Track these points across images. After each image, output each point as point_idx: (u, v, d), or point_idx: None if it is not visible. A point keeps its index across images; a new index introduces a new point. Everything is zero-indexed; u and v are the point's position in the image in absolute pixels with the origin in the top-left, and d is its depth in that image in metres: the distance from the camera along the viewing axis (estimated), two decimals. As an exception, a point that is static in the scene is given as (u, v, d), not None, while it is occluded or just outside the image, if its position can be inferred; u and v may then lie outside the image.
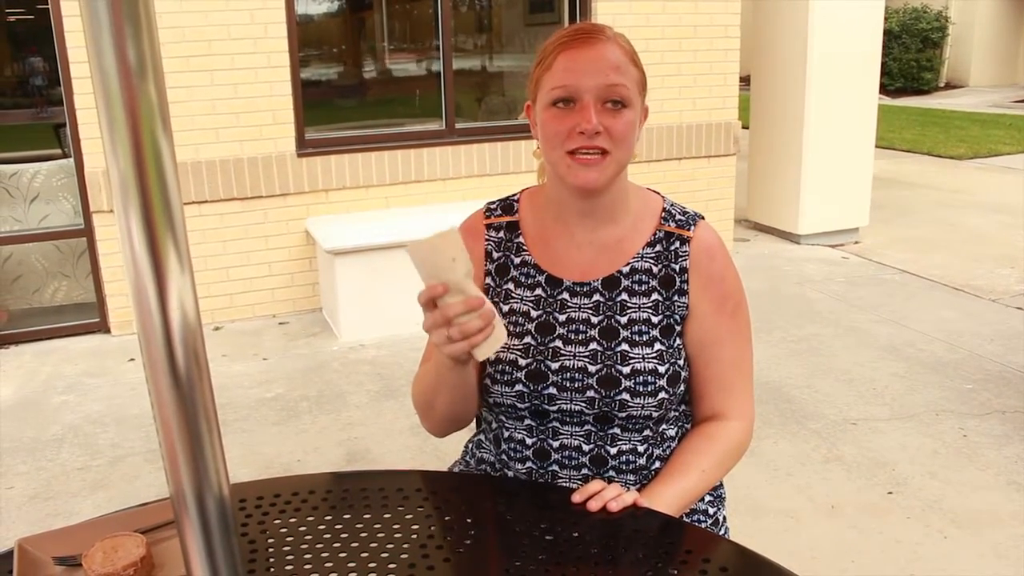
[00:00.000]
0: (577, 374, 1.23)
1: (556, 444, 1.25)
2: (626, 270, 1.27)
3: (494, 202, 1.37)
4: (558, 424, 1.25)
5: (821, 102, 5.33)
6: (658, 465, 1.29)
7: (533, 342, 1.25)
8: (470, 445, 1.44)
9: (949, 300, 4.49)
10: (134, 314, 0.67)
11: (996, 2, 15.87)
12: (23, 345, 4.12)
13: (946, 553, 2.37)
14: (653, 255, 1.27)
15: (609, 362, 1.22)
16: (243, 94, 4.18)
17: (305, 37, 4.76)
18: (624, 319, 1.24)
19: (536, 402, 1.24)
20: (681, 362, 1.26)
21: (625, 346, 1.23)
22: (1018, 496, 2.63)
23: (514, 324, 1.27)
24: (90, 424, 3.28)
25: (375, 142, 4.59)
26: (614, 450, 1.24)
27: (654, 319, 1.25)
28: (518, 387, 1.24)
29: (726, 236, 5.36)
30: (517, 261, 1.31)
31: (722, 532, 1.38)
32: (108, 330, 4.25)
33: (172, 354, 0.67)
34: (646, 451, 1.26)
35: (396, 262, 4.06)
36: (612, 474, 1.25)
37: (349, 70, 5.60)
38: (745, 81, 5.74)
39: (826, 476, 2.78)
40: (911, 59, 15.08)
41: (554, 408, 1.24)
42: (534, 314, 1.27)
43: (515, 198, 1.37)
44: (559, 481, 1.26)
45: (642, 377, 1.21)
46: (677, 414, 1.31)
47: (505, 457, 1.30)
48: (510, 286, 1.30)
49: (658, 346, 1.23)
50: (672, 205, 1.31)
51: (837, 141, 5.43)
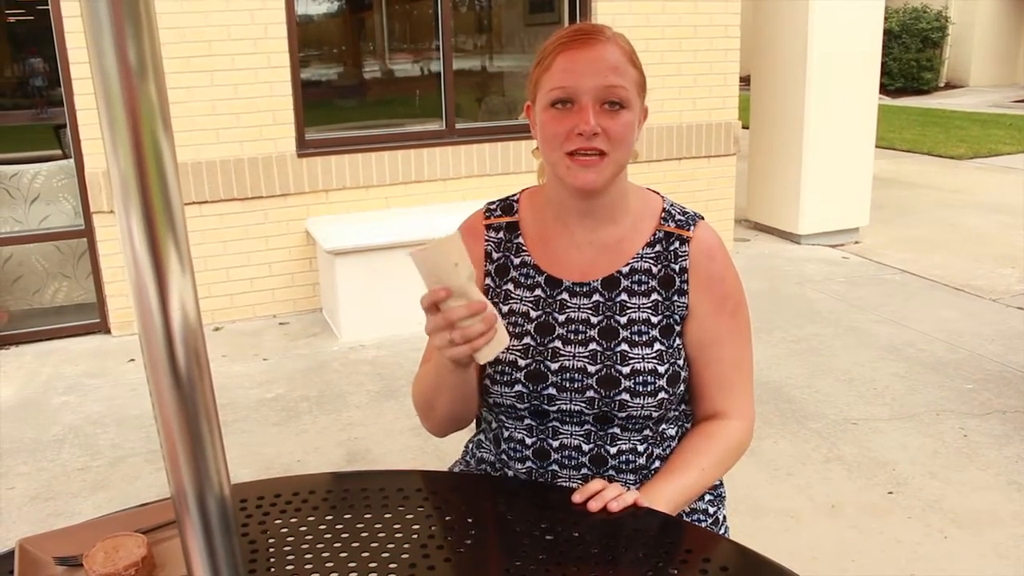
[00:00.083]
0: (577, 374, 1.23)
1: (556, 444, 1.25)
2: (626, 270, 1.27)
3: (494, 202, 1.37)
4: (558, 424, 1.25)
5: (821, 102, 5.33)
6: (658, 465, 1.29)
7: (533, 342, 1.26)
8: (470, 445, 1.44)
9: (949, 300, 4.49)
10: (135, 314, 0.67)
11: (996, 2, 15.87)
12: (24, 346, 4.12)
13: (946, 553, 2.37)
14: (653, 255, 1.27)
15: (609, 362, 1.22)
16: (243, 94, 4.18)
17: (305, 37, 4.76)
18: (624, 319, 1.24)
19: (536, 402, 1.24)
20: (681, 362, 1.26)
21: (625, 346, 1.23)
22: (1018, 496, 2.63)
23: (513, 324, 1.27)
24: (90, 425, 3.28)
25: (375, 142, 4.59)
26: (614, 450, 1.24)
27: (654, 319, 1.25)
28: (518, 387, 1.24)
29: (726, 236, 5.36)
30: (517, 261, 1.31)
31: (722, 531, 1.38)
32: (108, 331, 4.26)
33: (173, 354, 0.67)
34: (646, 451, 1.26)
35: (396, 262, 4.06)
36: (612, 474, 1.25)
37: (349, 70, 5.60)
38: (745, 81, 5.74)
39: (826, 476, 2.78)
40: (911, 59, 15.08)
41: (554, 408, 1.24)
42: (534, 314, 1.27)
43: (515, 198, 1.37)
44: (559, 481, 1.27)
45: (642, 377, 1.21)
46: (677, 414, 1.31)
47: (505, 457, 1.30)
48: (509, 286, 1.30)
49: (658, 346, 1.23)
50: (672, 205, 1.32)
51: (837, 141, 5.43)
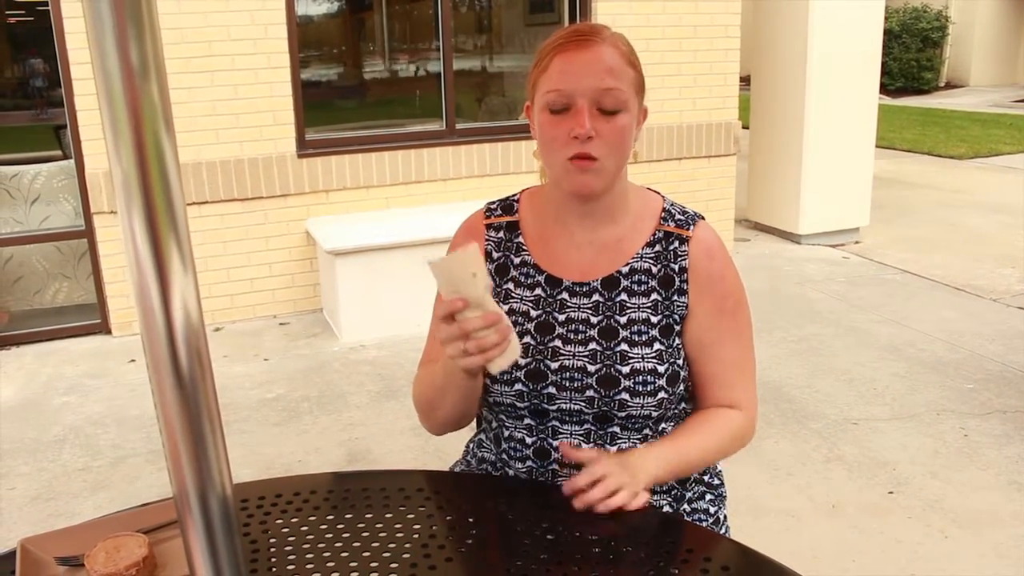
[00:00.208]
0: (576, 374, 1.23)
1: (556, 443, 1.25)
2: (625, 270, 1.27)
3: (494, 202, 1.37)
4: (558, 423, 1.25)
5: (821, 102, 5.33)
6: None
7: (532, 342, 1.26)
8: (471, 445, 1.44)
9: (950, 300, 4.49)
10: (137, 314, 0.67)
11: (996, 2, 15.87)
12: (24, 346, 4.12)
13: (947, 553, 2.37)
14: (652, 255, 1.27)
15: (608, 362, 1.22)
16: (243, 95, 4.19)
17: (305, 38, 4.76)
18: (623, 319, 1.25)
19: (535, 401, 1.25)
20: (680, 362, 1.26)
21: (624, 346, 1.23)
22: (1019, 496, 2.64)
23: (514, 324, 1.27)
24: (91, 425, 3.28)
25: (375, 143, 4.59)
26: (614, 449, 1.25)
27: (653, 319, 1.25)
28: (517, 386, 1.24)
29: (726, 236, 5.36)
30: (517, 261, 1.31)
31: (723, 531, 1.38)
32: (109, 331, 4.26)
33: (175, 354, 0.67)
34: (646, 450, 1.26)
35: (397, 262, 4.07)
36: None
37: (349, 71, 5.60)
38: (745, 81, 5.74)
39: (827, 476, 2.78)
40: (911, 59, 15.08)
41: (553, 407, 1.24)
42: (533, 314, 1.28)
43: (515, 198, 1.37)
44: (559, 480, 1.27)
45: (641, 377, 1.22)
46: (676, 413, 1.31)
47: (505, 456, 1.30)
48: (510, 286, 1.31)
49: (657, 346, 1.24)
50: (672, 205, 1.32)
51: (837, 141, 5.43)
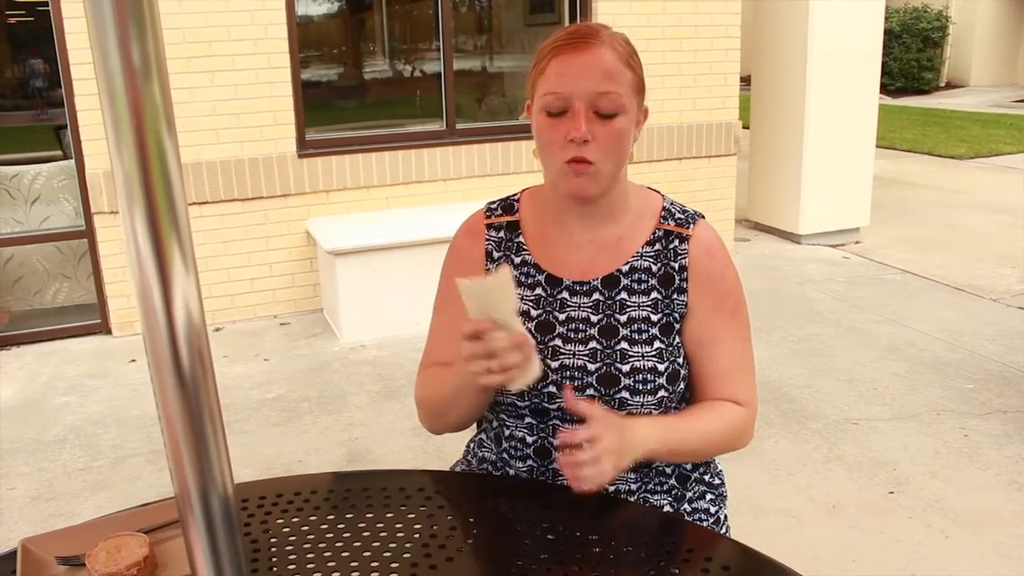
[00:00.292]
0: (577, 372, 1.23)
1: (557, 442, 1.26)
2: (625, 269, 1.27)
3: (495, 202, 1.38)
4: (558, 422, 1.25)
5: (821, 102, 5.33)
6: (658, 463, 1.29)
7: (533, 341, 1.26)
8: (472, 444, 1.44)
9: (950, 300, 4.49)
10: (139, 314, 0.67)
11: (996, 2, 15.87)
12: (24, 346, 4.13)
13: (947, 553, 2.37)
14: (652, 254, 1.27)
15: (608, 360, 1.22)
16: (244, 95, 4.19)
17: (305, 38, 4.76)
18: (623, 318, 1.25)
19: (536, 400, 1.25)
20: (680, 360, 1.26)
21: (624, 344, 1.23)
22: (1019, 496, 2.64)
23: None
24: (91, 425, 3.28)
25: (376, 143, 4.59)
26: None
27: (653, 317, 1.25)
28: (518, 386, 1.25)
29: (726, 236, 5.36)
30: (517, 261, 1.31)
31: (723, 531, 1.38)
32: (109, 331, 4.26)
33: (177, 354, 0.67)
34: (647, 450, 1.26)
35: (397, 263, 4.07)
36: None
37: (349, 71, 5.60)
38: (745, 81, 5.74)
39: (827, 476, 2.78)
40: (911, 59, 15.08)
41: (554, 406, 1.24)
42: (534, 313, 1.28)
43: (515, 198, 1.37)
44: (560, 480, 1.27)
45: (641, 375, 1.22)
46: (677, 412, 1.31)
47: (506, 455, 1.31)
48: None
49: (657, 344, 1.24)
50: (672, 204, 1.32)
51: (837, 141, 5.43)
